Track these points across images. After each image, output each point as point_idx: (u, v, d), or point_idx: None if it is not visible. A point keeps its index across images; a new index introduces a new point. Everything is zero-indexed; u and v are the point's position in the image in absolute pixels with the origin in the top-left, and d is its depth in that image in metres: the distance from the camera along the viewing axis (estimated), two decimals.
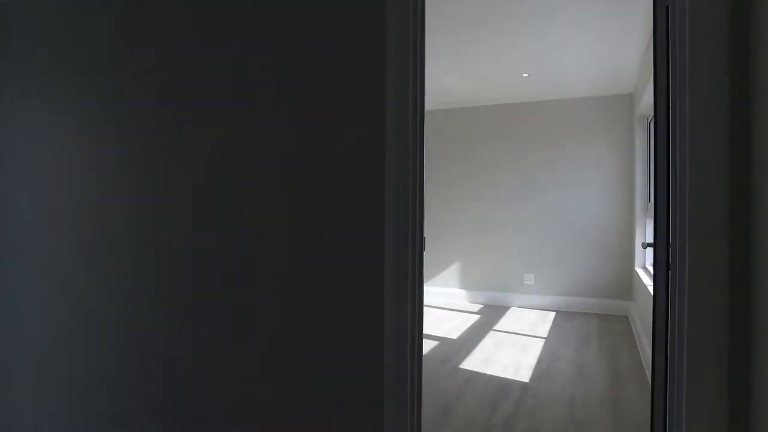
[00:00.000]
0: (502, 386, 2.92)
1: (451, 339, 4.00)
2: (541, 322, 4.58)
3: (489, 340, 3.95)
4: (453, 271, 5.62)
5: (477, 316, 4.84)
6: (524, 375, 3.12)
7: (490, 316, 4.88)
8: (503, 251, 5.35)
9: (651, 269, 4.17)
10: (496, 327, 4.41)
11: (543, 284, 5.18)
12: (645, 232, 4.43)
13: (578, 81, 4.54)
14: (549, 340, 3.95)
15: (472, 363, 3.37)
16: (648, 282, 3.88)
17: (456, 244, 5.58)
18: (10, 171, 1.99)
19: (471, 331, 4.27)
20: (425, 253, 5.75)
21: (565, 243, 5.07)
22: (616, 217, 4.88)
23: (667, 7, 1.47)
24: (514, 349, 3.71)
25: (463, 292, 5.57)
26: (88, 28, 1.86)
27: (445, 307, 5.28)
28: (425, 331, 4.22)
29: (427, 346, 3.80)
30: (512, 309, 5.19)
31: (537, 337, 4.06)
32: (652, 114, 4.18)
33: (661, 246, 1.49)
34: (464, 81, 4.59)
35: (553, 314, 4.92)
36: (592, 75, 4.33)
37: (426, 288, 5.75)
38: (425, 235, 5.73)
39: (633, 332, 4.23)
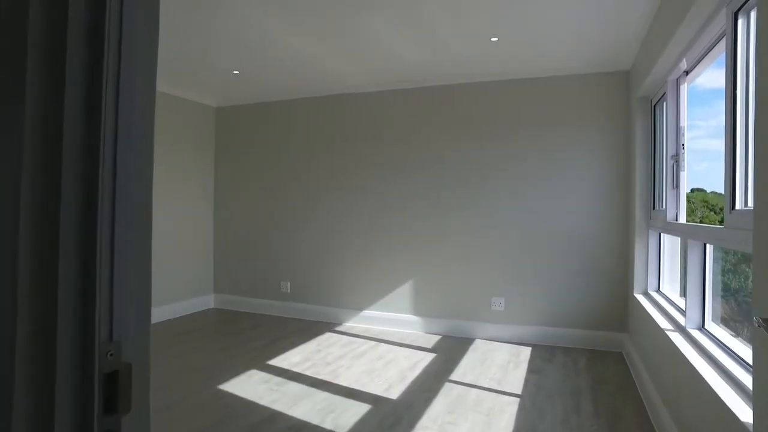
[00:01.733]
0: None
1: (390, 400, 2.85)
2: (514, 365, 3.49)
3: (442, 402, 2.83)
4: (404, 292, 4.49)
5: (431, 356, 3.72)
6: None
7: (449, 353, 3.77)
8: (466, 269, 4.26)
9: (659, 295, 3.14)
10: (454, 374, 3.30)
11: (515, 311, 4.11)
12: (648, 248, 3.40)
13: (560, 51, 3.49)
14: (525, 399, 2.86)
15: None
16: (652, 311, 2.84)
17: (408, 259, 4.46)
18: None
19: (420, 382, 3.14)
20: (368, 270, 4.61)
21: (542, 260, 4.01)
22: (608, 227, 3.85)
23: None
24: (475, 419, 2.59)
25: (416, 319, 4.44)
26: None
27: (392, 341, 4.14)
28: (354, 385, 3.07)
29: (354, 414, 2.66)
30: (477, 342, 4.09)
31: (508, 394, 2.96)
32: (661, 95, 3.16)
33: None
34: (417, 47, 3.49)
35: (528, 351, 3.84)
36: (579, 45, 3.29)
37: (371, 313, 4.61)
38: (356, 247, 4.59)
39: (632, 375, 3.19)
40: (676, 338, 2.26)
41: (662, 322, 2.58)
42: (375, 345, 4.01)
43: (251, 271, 5.18)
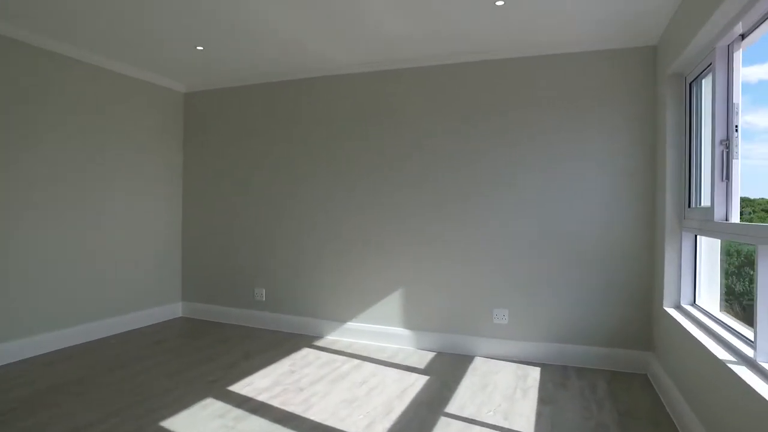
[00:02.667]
0: None
1: None
2: (522, 392, 2.94)
3: None
4: (393, 303, 3.93)
5: (424, 379, 3.17)
6: None
7: (445, 375, 3.22)
8: (464, 276, 3.71)
9: (696, 310, 2.60)
10: (452, 405, 2.74)
11: (521, 325, 3.56)
12: (680, 252, 2.86)
13: (574, 21, 2.95)
14: None
15: None
16: (695, 331, 2.30)
17: (398, 265, 3.91)
18: None
19: (409, 416, 2.58)
20: (353, 277, 4.06)
21: (552, 266, 3.47)
22: (629, 228, 3.31)
23: None
24: None
25: (407, 333, 3.89)
26: None
27: (379, 359, 3.58)
28: (329, 420, 2.50)
29: None
30: (477, 361, 3.54)
31: None
32: (701, 69, 2.62)
33: None
34: (408, 18, 2.93)
35: (536, 372, 3.30)
36: (597, 15, 2.76)
37: (355, 326, 4.04)
38: (332, 245, 4.03)
39: (664, 405, 2.65)
40: (746, 374, 1.72)
41: (716, 349, 2.04)
42: (359, 364, 3.45)
43: (222, 276, 4.61)
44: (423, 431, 2.41)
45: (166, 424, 2.44)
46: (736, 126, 2.23)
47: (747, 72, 2.25)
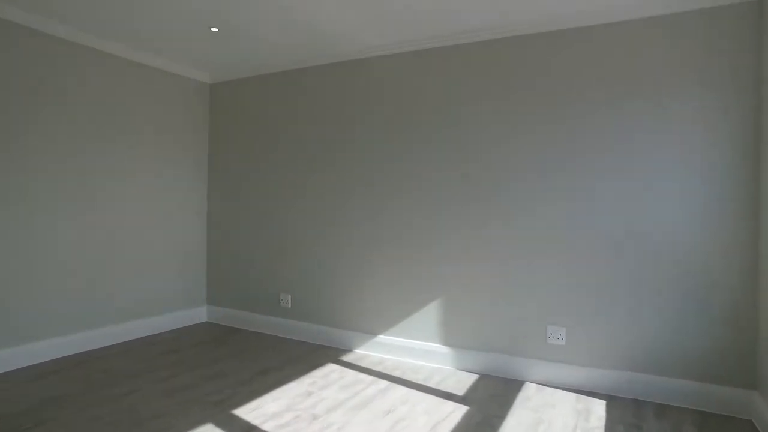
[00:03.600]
0: None
1: None
2: None
3: None
4: (430, 315, 3.42)
5: (462, 410, 2.64)
6: None
7: (488, 406, 2.68)
8: (513, 287, 3.14)
9: None
10: None
11: (582, 347, 2.95)
12: None
13: None
14: None
15: None
16: None
17: (437, 273, 3.39)
18: None
19: None
20: (386, 285, 3.58)
21: (624, 276, 2.84)
22: (730, 233, 2.63)
23: None
24: None
25: (445, 351, 3.36)
26: None
27: (411, 380, 3.08)
28: None
29: None
30: (527, 388, 2.97)
31: None
32: None
33: None
34: None
35: (602, 407, 2.69)
36: None
37: (387, 340, 3.57)
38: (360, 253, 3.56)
39: None
40: None
41: None
42: (387, 387, 2.97)
43: (247, 280, 4.27)
44: None
45: None
46: None
47: None
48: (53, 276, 3.34)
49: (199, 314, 4.46)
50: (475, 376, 3.18)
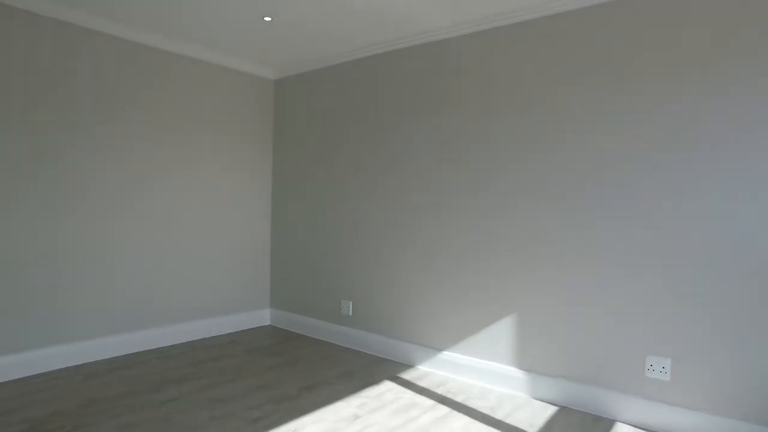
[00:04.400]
0: None
1: None
2: None
3: None
4: (503, 331, 2.96)
5: None
6: None
7: None
8: (603, 305, 2.58)
9: None
10: None
11: (691, 384, 2.33)
12: None
13: None
14: None
15: None
16: None
17: (512, 284, 2.92)
18: None
19: None
20: (454, 295, 3.17)
21: (747, 298, 2.18)
22: None
23: None
24: None
25: (519, 375, 2.88)
26: None
27: (476, 408, 2.65)
28: None
29: None
30: (618, 429, 2.41)
31: None
32: None
33: None
34: None
35: None
36: None
37: (453, 357, 3.15)
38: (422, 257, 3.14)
39: None
40: None
41: None
42: (446, 415, 2.56)
43: (310, 283, 4.06)
44: None
45: None
46: None
47: None
48: (113, 274, 3.35)
49: (263, 317, 4.35)
50: (553, 409, 2.67)
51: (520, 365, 2.87)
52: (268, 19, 3.12)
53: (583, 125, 2.65)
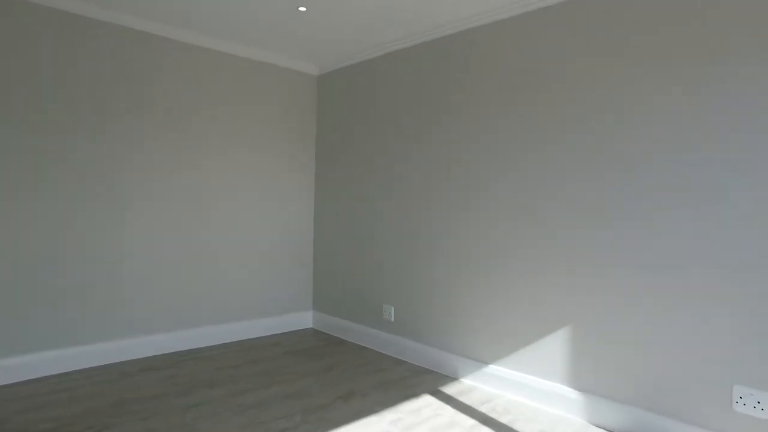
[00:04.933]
0: None
1: None
2: None
3: None
4: (556, 346, 2.64)
5: None
6: None
7: None
8: (677, 320, 2.21)
9: None
10: None
11: None
12: None
13: None
14: None
15: None
16: None
17: (569, 288, 2.60)
18: None
19: None
20: (501, 301, 2.88)
21: None
22: None
23: None
24: None
25: (575, 396, 2.55)
26: None
27: None
28: None
29: None
30: None
31: None
32: None
33: None
34: None
35: None
36: None
37: (499, 371, 2.86)
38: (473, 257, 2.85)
39: None
40: None
41: None
42: None
43: (351, 287, 3.90)
44: None
45: None
46: None
47: None
48: (154, 272, 3.34)
49: (305, 320, 4.23)
50: None
51: (577, 385, 2.54)
52: (302, 9, 2.98)
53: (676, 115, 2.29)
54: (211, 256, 3.61)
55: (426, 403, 2.69)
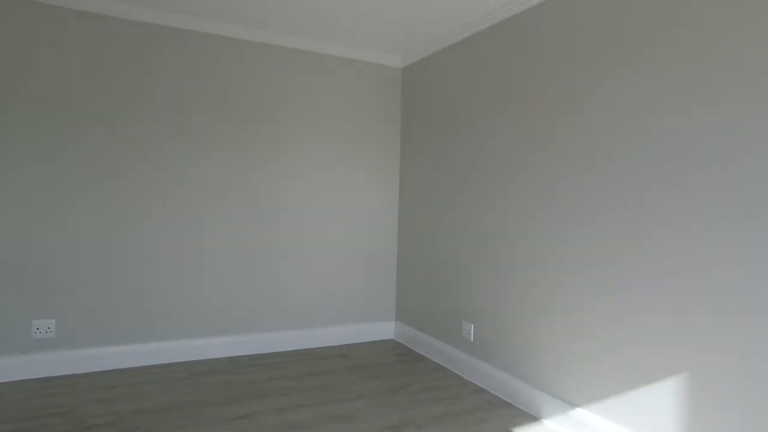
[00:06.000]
0: None
1: None
2: None
3: None
4: (668, 393, 1.99)
5: None
6: None
7: None
8: None
9: None
10: None
11: None
12: None
13: None
14: None
15: None
16: None
17: (684, 323, 1.95)
18: None
19: None
20: (584, 331, 2.29)
21: None
22: None
23: None
24: None
25: None
26: None
27: None
28: None
29: None
30: None
31: None
32: None
33: None
34: None
35: None
36: None
37: (589, 417, 2.27)
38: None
39: None
40: None
41: None
42: None
43: (431, 298, 3.53)
44: None
45: None
46: None
47: None
48: (231, 275, 3.35)
49: (386, 330, 3.97)
50: None
51: None
52: None
53: None
54: (291, 259, 3.54)
55: None
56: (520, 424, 2.48)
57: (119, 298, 3.04)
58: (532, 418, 2.56)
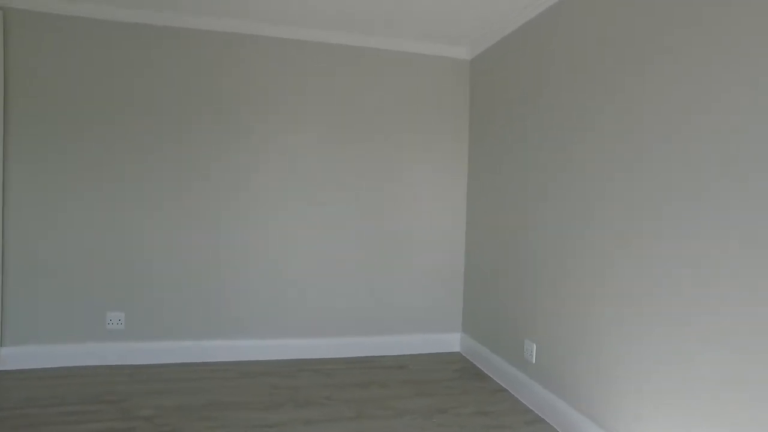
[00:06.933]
0: None
1: None
2: None
3: None
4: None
5: None
6: None
7: None
8: None
9: None
10: None
11: None
12: None
13: None
14: None
15: None
16: None
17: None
18: None
19: None
20: (655, 356, 1.83)
21: None
22: None
23: None
24: None
25: None
26: None
27: None
28: None
29: None
30: None
31: None
32: None
33: None
34: None
35: None
36: None
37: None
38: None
39: None
40: None
41: None
42: None
43: (497, 312, 3.19)
44: None
45: None
46: None
47: None
48: (295, 280, 3.35)
49: (452, 343, 3.68)
50: None
51: None
52: None
53: None
54: (353, 266, 3.45)
55: None
56: None
57: (186, 298, 3.18)
58: None
